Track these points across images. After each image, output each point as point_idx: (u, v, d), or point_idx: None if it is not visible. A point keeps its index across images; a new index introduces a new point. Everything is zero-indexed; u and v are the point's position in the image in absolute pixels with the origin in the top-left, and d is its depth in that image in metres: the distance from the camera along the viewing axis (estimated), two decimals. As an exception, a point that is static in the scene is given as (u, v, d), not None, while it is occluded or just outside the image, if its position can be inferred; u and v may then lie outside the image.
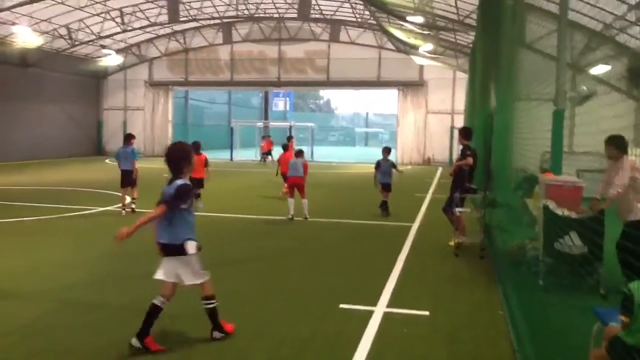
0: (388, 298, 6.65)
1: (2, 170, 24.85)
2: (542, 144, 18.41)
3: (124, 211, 12.90)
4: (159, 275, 5.22)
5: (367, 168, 25.81)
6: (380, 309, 6.23)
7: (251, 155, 37.63)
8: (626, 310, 3.96)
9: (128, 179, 13.24)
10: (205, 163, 13.08)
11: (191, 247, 5.13)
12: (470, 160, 9.48)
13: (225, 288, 7.15)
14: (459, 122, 33.15)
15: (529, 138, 16.93)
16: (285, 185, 13.89)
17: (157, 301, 5.21)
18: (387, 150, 14.00)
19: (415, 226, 11.89)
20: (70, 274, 7.69)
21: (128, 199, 13.33)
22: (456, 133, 33.23)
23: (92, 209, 13.50)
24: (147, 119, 38.59)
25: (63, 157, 33.88)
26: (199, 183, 12.54)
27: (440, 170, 28.83)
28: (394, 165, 13.86)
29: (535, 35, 20.94)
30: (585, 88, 15.84)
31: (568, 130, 14.95)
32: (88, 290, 6.94)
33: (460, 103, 32.77)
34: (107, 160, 31.76)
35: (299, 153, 13.21)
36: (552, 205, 7.32)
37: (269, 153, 34.60)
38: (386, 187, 13.47)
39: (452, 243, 9.71)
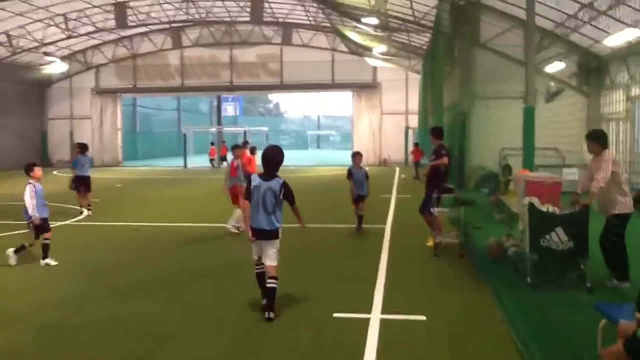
0: (381, 304, 6.48)
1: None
2: (500, 141, 18.64)
3: (86, 210, 14.13)
4: (257, 254, 6.45)
5: (326, 171, 25.88)
6: (375, 316, 6.04)
7: (205, 161, 36.90)
8: (641, 308, 3.92)
9: (87, 185, 14.40)
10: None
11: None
12: (446, 159, 9.43)
13: (208, 299, 6.85)
14: (414, 122, 33.54)
15: (486, 135, 17.12)
16: None
17: (258, 269, 6.44)
18: (359, 156, 12.14)
19: (388, 228, 11.80)
20: (38, 294, 7.18)
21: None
22: (411, 133, 33.79)
23: (52, 223, 12.77)
24: (95, 128, 37.29)
25: (4, 170, 32.26)
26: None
27: (398, 170, 28.99)
28: (366, 176, 11.85)
29: (490, 34, 21.17)
30: (552, 84, 16.22)
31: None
32: (67, 310, 6.47)
33: (414, 103, 33.10)
34: (54, 172, 30.51)
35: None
36: (536, 202, 7.31)
37: (224, 158, 34.07)
38: (361, 200, 11.63)
39: (429, 243, 9.64)
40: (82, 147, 15.17)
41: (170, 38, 36.33)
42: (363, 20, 24.17)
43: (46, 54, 32.45)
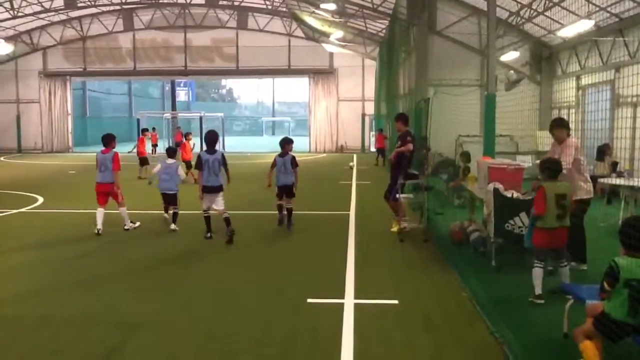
0: (353, 289, 6.56)
1: None
2: (456, 128, 18.99)
3: None
4: (206, 205, 9.41)
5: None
6: (349, 301, 6.12)
7: (161, 147, 36.12)
8: (611, 279, 4.13)
9: None
10: None
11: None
12: (410, 146, 9.55)
13: (175, 288, 6.79)
14: (370, 109, 33.79)
15: (443, 123, 17.41)
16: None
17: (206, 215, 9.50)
18: (289, 144, 10.72)
19: (352, 214, 11.89)
20: (1, 287, 6.92)
21: None
22: (368, 120, 34.02)
23: (5, 212, 12.33)
24: (43, 112, 35.98)
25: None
26: None
27: (355, 157, 29.19)
28: (293, 162, 10.32)
29: (446, 22, 21.42)
30: (513, 72, 16.61)
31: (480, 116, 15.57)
32: (26, 303, 6.27)
33: (371, 90, 33.33)
34: (2, 158, 29.39)
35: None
36: (500, 187, 7.53)
37: (178, 144, 33.44)
38: (286, 191, 10.34)
39: (394, 229, 9.79)
40: None
41: (121, 20, 35.27)
42: (321, 5, 24.12)
43: (-11, 34, 31.05)
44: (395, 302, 6.09)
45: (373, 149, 34.27)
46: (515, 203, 7.36)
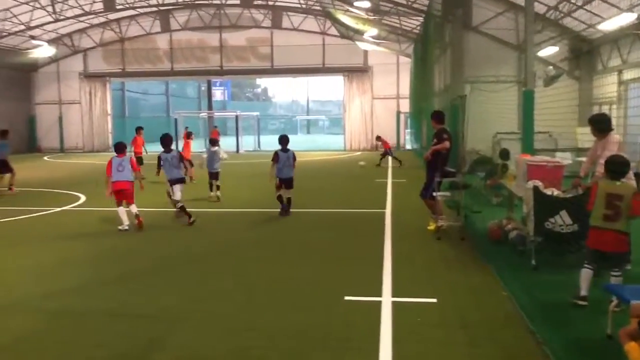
0: (390, 287, 6.54)
1: None
2: (493, 125, 18.70)
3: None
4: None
5: (317, 156, 25.89)
6: (387, 299, 6.10)
7: (195, 147, 36.62)
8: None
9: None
10: None
11: None
12: (447, 143, 9.46)
13: (211, 284, 6.89)
14: (405, 106, 33.59)
15: (479, 120, 17.17)
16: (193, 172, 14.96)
17: None
18: (285, 141, 11.77)
19: (388, 212, 11.85)
20: (46, 281, 7.14)
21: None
22: (402, 118, 33.84)
23: (49, 210, 12.70)
24: (84, 113, 36.91)
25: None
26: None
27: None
28: (293, 157, 11.70)
29: (482, 18, 21.14)
30: (551, 68, 16.29)
31: (518, 112, 15.30)
32: (71, 297, 6.45)
33: (405, 88, 33.12)
34: (45, 158, 30.24)
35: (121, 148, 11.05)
36: (540, 185, 7.40)
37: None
38: (287, 182, 11.59)
39: (431, 227, 9.72)
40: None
41: (158, 21, 35.91)
42: (355, 3, 24.07)
43: (32, 37, 31.93)
44: (434, 300, 6.05)
45: (408, 146, 34.12)
46: (555, 201, 7.22)
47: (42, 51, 33.20)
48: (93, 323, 5.60)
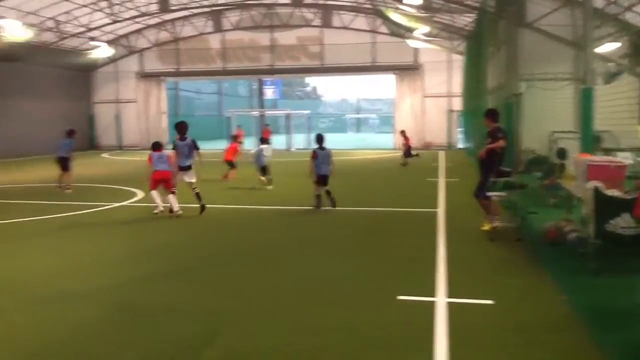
0: (445, 287, 6.48)
1: (-2, 168, 24.34)
2: (548, 124, 18.17)
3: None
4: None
5: (366, 154, 25.83)
6: (441, 300, 6.05)
7: (247, 144, 37.15)
8: None
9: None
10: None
11: None
12: (502, 142, 9.28)
13: (265, 280, 7.00)
14: (457, 105, 33.10)
15: (534, 118, 16.74)
16: (232, 172, 17.99)
17: None
18: (322, 139, 12.46)
19: (440, 211, 11.72)
20: (106, 274, 7.42)
21: None
22: (454, 116, 33.38)
23: (108, 205, 13.15)
24: (140, 111, 38.02)
25: (53, 153, 33.11)
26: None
27: (442, 154, 28.71)
28: (329, 155, 12.32)
29: (536, 14, 20.55)
30: (612, 65, 15.73)
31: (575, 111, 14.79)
32: (131, 290, 6.68)
33: (457, 86, 32.62)
34: (103, 155, 31.26)
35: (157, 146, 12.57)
36: (601, 186, 7.17)
37: (267, 142, 34.25)
38: (326, 178, 12.13)
39: (485, 228, 9.56)
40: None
41: (211, 21, 36.56)
42: (406, 1, 23.86)
43: (92, 38, 33.06)
44: (490, 302, 5.96)
45: (460, 145, 33.60)
46: (616, 202, 6.98)
47: (101, 52, 34.37)
48: (150, 316, 5.78)
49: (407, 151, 24.18)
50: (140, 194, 14.78)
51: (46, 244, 9.39)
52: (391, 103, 40.29)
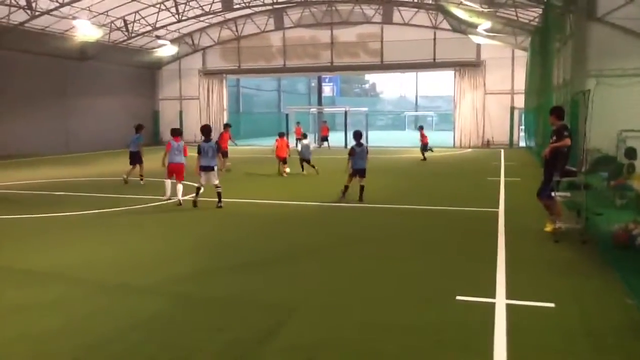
0: (504, 289, 6.36)
1: (65, 162, 25.51)
2: (616, 122, 17.46)
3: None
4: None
5: (428, 153, 25.48)
6: (501, 301, 5.95)
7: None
8: None
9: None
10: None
11: None
12: (568, 141, 9.00)
13: (326, 276, 7.06)
14: (519, 102, 32.25)
15: (601, 116, 16.13)
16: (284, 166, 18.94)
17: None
18: (359, 135, 13.25)
19: (501, 211, 11.48)
20: (173, 266, 7.67)
21: None
22: (517, 114, 32.51)
23: (171, 199, 13.56)
24: (202, 108, 38.98)
25: (121, 148, 34.24)
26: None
27: (503, 152, 28.07)
28: (366, 151, 13.17)
29: (607, 7, 19.75)
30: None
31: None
32: (194, 283, 6.89)
33: (520, 83, 31.75)
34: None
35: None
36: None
37: (325, 139, 34.50)
38: (361, 172, 12.90)
39: (548, 229, 9.31)
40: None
41: (272, 19, 36.99)
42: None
43: (158, 37, 34.10)
44: (552, 305, 5.81)
45: (522, 143, 32.72)
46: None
47: (166, 50, 35.39)
48: (215, 308, 5.95)
49: (424, 147, 25.15)
50: (202, 188, 15.15)
51: (108, 236, 9.75)
52: (450, 100, 39.60)
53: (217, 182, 12.40)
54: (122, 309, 5.90)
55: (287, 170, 18.92)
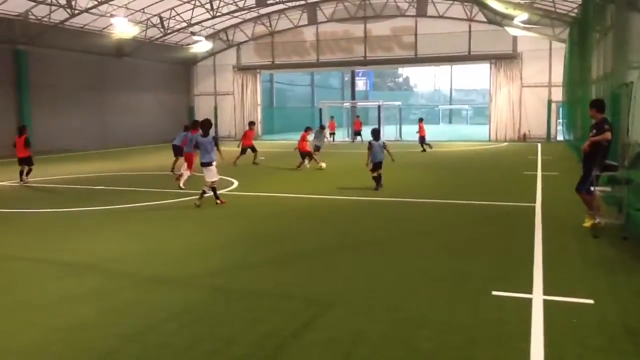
0: (541, 284, 6.25)
1: (103, 157, 26.08)
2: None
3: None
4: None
5: (460, 147, 25.27)
6: (537, 297, 5.85)
7: (339, 136, 37.41)
8: None
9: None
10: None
11: None
12: (608, 135, 8.78)
13: (361, 270, 7.05)
14: (557, 95, 31.57)
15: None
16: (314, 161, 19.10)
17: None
18: (377, 132, 14.80)
19: (538, 206, 11.27)
20: (207, 259, 7.77)
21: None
22: (554, 107, 31.84)
23: (205, 194, 13.73)
24: (236, 103, 39.30)
25: (157, 143, 34.80)
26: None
27: (540, 146, 27.55)
28: (384, 146, 14.40)
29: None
30: None
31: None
32: (228, 276, 6.97)
33: (558, 75, 31.06)
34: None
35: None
36: None
37: (358, 133, 34.43)
38: (379, 164, 14.18)
39: (587, 224, 9.10)
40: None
41: (306, 14, 36.99)
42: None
43: (193, 33, 34.47)
44: (591, 301, 5.69)
45: (560, 137, 32.05)
46: None
47: (201, 46, 35.73)
48: (251, 300, 6.01)
49: (421, 140, 26.54)
50: (236, 183, 15.33)
51: (142, 230, 9.93)
52: (485, 93, 39.02)
53: (215, 179, 12.03)
54: (155, 301, 6.00)
55: (323, 165, 19.01)
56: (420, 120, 27.82)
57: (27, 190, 15.08)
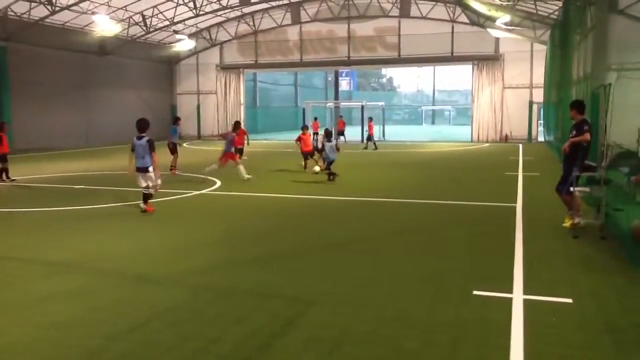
0: (522, 284, 6.34)
1: (86, 155, 25.82)
2: (637, 116, 17.19)
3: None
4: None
5: (442, 147, 25.46)
6: (518, 296, 5.93)
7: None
8: None
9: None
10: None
11: None
12: (588, 136, 8.91)
13: (345, 270, 7.10)
14: (538, 96, 31.95)
15: (622, 110, 15.88)
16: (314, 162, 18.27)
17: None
18: (329, 134, 16.50)
19: (519, 206, 11.41)
20: (192, 258, 7.75)
21: None
22: (535, 108, 32.20)
23: (189, 193, 13.70)
24: (219, 102, 39.15)
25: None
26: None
27: (521, 147, 27.85)
28: (337, 148, 16.05)
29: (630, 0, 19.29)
30: None
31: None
32: (213, 274, 6.96)
33: (540, 77, 31.44)
34: (185, 144, 32.44)
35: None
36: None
37: (342, 133, 34.46)
38: (332, 162, 15.63)
39: (566, 224, 9.24)
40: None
41: (289, 14, 36.99)
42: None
43: (176, 32, 34.28)
44: (569, 300, 5.79)
45: (541, 138, 32.43)
46: None
47: (184, 45, 35.57)
48: (234, 299, 6.01)
49: (369, 138, 28.51)
50: (218, 183, 15.29)
51: (128, 229, 9.87)
52: (468, 94, 39.35)
53: (151, 184, 10.88)
54: (141, 300, 5.98)
55: (317, 168, 18.12)
56: (370, 119, 29.69)
57: (11, 189, 14.89)
